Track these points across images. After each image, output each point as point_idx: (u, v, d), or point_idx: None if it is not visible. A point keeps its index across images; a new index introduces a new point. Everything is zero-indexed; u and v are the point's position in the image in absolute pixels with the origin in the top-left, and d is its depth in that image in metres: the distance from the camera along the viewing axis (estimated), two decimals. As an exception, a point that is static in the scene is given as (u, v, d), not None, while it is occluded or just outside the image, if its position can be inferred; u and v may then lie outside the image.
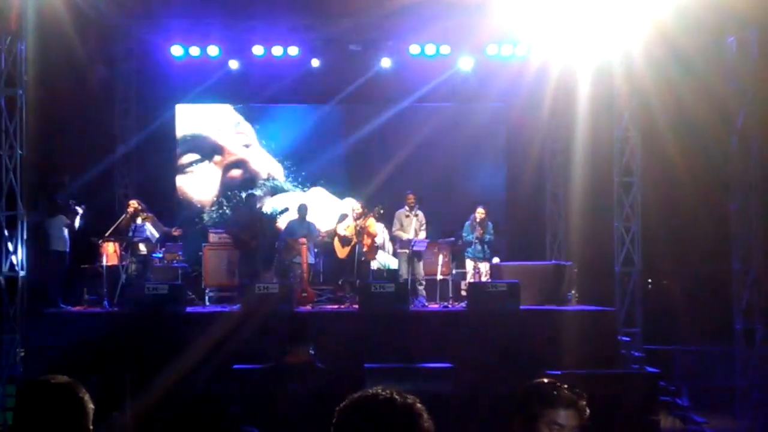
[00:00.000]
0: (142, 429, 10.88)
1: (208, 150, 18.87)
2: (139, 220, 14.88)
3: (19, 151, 13.02)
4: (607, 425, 10.75)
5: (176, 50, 16.95)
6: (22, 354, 12.64)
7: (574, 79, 15.51)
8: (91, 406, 3.02)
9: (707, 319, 14.46)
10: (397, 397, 2.52)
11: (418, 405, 2.52)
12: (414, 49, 17.10)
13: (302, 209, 15.99)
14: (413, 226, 15.29)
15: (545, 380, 3.55)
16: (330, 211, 18.00)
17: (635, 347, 13.56)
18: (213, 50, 16.96)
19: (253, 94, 18.38)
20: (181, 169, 18.82)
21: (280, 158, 18.96)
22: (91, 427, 3.01)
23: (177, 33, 16.77)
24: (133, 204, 15.09)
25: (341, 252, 15.52)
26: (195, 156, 18.85)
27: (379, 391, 2.53)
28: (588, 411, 3.46)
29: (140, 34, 16.87)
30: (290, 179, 18.93)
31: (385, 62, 17.50)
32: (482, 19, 15.36)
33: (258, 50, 16.98)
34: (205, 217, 18.68)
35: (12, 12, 12.92)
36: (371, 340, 12.62)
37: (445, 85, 17.86)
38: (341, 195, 18.66)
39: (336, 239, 15.69)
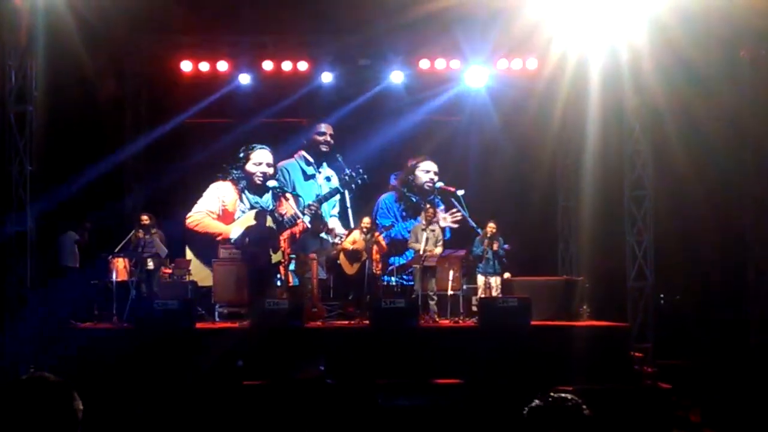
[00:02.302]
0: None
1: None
2: (148, 235, 14.75)
3: (29, 167, 13.01)
4: (620, 441, 10.68)
5: (185, 65, 16.98)
6: (32, 370, 12.57)
7: (584, 93, 15.35)
8: (80, 407, 2.94)
9: (721, 334, 14.35)
10: None
11: None
12: (424, 63, 17.10)
13: (316, 224, 15.91)
14: (430, 241, 15.19)
15: (553, 395, 3.38)
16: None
17: (648, 362, 13.47)
18: (222, 65, 17.00)
19: (262, 109, 18.31)
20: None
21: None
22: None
23: (186, 48, 16.81)
24: (144, 218, 14.97)
25: (349, 268, 15.45)
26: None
27: None
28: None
29: (150, 50, 16.90)
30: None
31: (396, 76, 17.50)
32: (492, 34, 15.36)
33: (267, 65, 16.99)
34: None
35: (22, 28, 12.93)
36: (382, 356, 12.53)
37: (455, 99, 17.87)
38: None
39: (342, 255, 15.62)
